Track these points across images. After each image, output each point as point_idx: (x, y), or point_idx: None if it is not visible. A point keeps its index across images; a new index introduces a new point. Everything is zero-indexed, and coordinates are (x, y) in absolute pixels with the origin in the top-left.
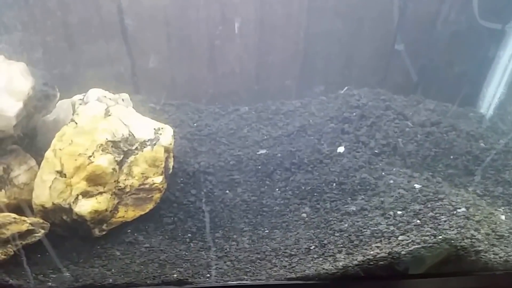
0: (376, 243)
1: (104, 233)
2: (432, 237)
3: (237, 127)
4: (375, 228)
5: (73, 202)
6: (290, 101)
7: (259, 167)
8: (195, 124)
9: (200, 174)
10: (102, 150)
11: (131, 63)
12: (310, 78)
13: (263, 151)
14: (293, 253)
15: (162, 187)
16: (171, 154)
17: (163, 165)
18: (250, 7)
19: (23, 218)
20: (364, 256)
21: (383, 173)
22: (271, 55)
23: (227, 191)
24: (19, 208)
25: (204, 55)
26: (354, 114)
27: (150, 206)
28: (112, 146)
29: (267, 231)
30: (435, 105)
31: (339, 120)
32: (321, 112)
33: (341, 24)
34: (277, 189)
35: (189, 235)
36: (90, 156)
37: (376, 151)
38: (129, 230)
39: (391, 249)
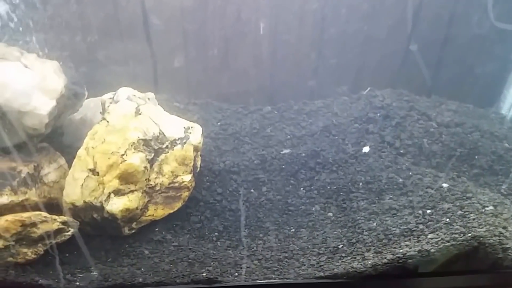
0: (405, 241)
1: (133, 231)
2: (462, 235)
3: (260, 126)
4: (405, 227)
5: (105, 201)
6: (312, 101)
7: (283, 166)
8: (218, 123)
9: (225, 173)
10: (134, 149)
11: (152, 63)
12: (327, 80)
13: (287, 151)
14: (321, 252)
15: (191, 185)
16: (199, 153)
17: (192, 164)
18: (272, 9)
19: (54, 216)
20: (393, 254)
21: (410, 173)
22: (291, 56)
23: (252, 190)
24: (49, 206)
25: (226, 55)
26: (379, 114)
27: (178, 205)
28: (143, 145)
29: (293, 230)
30: (457, 106)
31: (363, 120)
32: (345, 112)
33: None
34: (302, 189)
35: (216, 233)
36: (123, 155)
37: (401, 151)
38: (157, 229)
39: (421, 247)
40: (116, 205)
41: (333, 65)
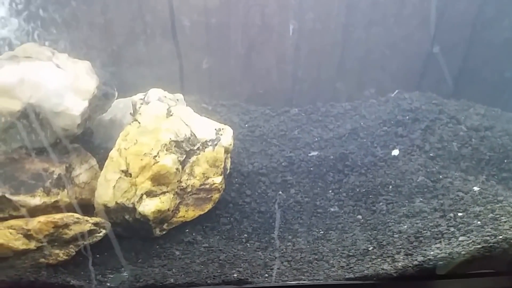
0: (436, 244)
1: (164, 232)
2: (493, 237)
3: (287, 128)
4: (435, 230)
5: (137, 202)
6: (339, 103)
7: (311, 168)
8: (246, 125)
9: (254, 175)
10: (166, 150)
11: (179, 64)
12: (355, 82)
13: (315, 153)
14: (350, 253)
15: (221, 187)
16: (229, 155)
17: (222, 166)
18: (300, 12)
19: (86, 218)
20: (424, 256)
21: (440, 176)
22: (318, 58)
23: (281, 192)
24: (79, 207)
25: (253, 57)
26: (407, 117)
27: (209, 206)
28: (175, 146)
29: (322, 232)
30: (486, 110)
31: (392, 123)
32: (373, 115)
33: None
34: (330, 191)
35: (245, 235)
36: (156, 156)
37: (431, 155)
38: (187, 230)
39: (452, 249)
40: (148, 207)
41: (360, 68)
